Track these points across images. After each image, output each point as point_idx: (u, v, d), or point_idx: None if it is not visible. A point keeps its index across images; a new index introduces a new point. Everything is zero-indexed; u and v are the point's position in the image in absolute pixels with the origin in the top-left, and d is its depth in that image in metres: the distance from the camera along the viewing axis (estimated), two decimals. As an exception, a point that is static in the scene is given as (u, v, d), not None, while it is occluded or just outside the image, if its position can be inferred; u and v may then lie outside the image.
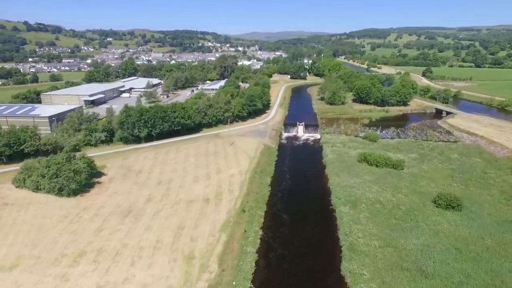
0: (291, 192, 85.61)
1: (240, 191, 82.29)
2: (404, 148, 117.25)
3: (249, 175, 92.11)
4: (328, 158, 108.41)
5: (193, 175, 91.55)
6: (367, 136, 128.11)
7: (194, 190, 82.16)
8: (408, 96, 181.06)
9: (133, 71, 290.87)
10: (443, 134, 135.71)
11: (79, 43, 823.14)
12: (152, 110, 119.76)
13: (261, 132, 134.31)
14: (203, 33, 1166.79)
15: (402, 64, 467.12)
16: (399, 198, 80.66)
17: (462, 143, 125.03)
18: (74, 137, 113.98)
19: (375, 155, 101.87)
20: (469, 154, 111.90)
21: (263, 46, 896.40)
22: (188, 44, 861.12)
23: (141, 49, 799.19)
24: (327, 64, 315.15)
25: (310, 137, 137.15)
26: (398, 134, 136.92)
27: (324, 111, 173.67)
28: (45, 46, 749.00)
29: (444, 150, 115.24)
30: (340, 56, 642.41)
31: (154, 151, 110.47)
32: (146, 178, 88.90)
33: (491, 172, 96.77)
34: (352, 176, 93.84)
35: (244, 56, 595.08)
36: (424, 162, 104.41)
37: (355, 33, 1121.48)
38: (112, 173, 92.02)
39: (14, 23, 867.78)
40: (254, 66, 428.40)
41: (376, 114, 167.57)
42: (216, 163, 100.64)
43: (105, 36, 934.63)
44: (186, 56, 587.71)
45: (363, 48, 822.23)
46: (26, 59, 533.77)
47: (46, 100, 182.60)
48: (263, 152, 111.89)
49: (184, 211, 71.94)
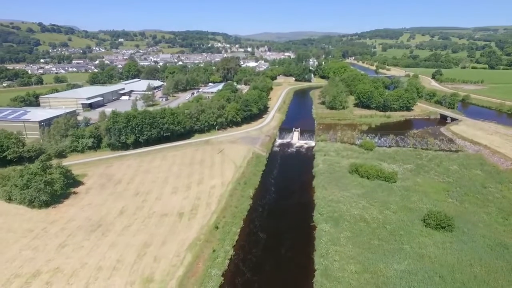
0: (273, 207, 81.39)
1: (218, 205, 78.58)
2: (400, 158, 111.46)
3: (231, 186, 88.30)
4: (319, 168, 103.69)
5: (173, 185, 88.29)
6: (363, 144, 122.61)
7: (171, 203, 78.84)
8: (412, 101, 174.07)
9: (136, 73, 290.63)
10: (445, 143, 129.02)
11: (91, 44, 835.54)
12: (140, 116, 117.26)
13: (253, 139, 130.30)
14: (213, 34, 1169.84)
15: (412, 65, 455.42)
16: (386, 215, 75.51)
17: (464, 152, 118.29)
18: (61, 143, 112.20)
19: (366, 167, 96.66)
20: (469, 165, 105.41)
21: (272, 47, 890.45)
22: (198, 45, 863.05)
23: (151, 50, 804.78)
24: (332, 66, 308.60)
25: (304, 144, 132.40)
26: (397, 142, 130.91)
27: (323, 116, 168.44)
28: (58, 47, 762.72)
29: (443, 161, 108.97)
30: (349, 57, 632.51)
31: (139, 159, 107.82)
32: (124, 189, 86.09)
33: (491, 186, 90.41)
34: (340, 189, 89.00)
35: (252, 57, 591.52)
36: (419, 174, 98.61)
37: (367, 33, 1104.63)
38: (91, 182, 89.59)
39: (29, 24, 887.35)
40: (260, 67, 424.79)
41: (376, 120, 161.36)
42: (200, 172, 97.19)
43: (117, 37, 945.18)
44: (194, 57, 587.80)
45: (374, 48, 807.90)
46: (37, 60, 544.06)
47: (44, 103, 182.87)
48: (251, 161, 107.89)
49: (154, 227, 68.65)
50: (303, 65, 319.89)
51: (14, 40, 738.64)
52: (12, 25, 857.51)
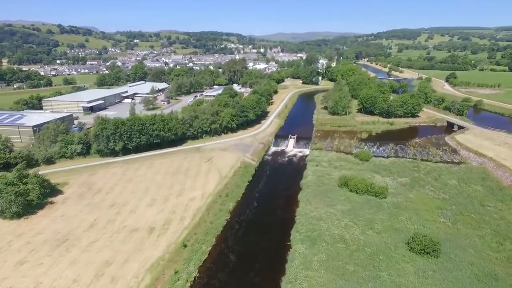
0: (251, 224, 77.53)
1: (192, 220, 75.59)
2: (396, 170, 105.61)
3: (211, 199, 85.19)
4: (307, 180, 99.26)
5: (151, 197, 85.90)
6: (358, 154, 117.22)
7: (144, 216, 76.38)
8: (417, 107, 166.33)
9: (143, 75, 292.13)
10: (448, 153, 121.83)
11: (107, 45, 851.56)
12: (129, 122, 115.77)
13: (245, 147, 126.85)
14: (227, 35, 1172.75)
15: (427, 67, 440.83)
16: (369, 236, 70.59)
17: (467, 165, 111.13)
18: (50, 149, 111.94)
19: (356, 180, 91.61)
20: (470, 179, 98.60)
21: (285, 48, 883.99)
22: (211, 46, 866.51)
23: (165, 50, 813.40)
24: (341, 68, 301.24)
25: (299, 153, 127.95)
26: (397, 152, 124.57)
27: (322, 122, 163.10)
28: (76, 48, 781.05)
29: (442, 174, 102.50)
30: (363, 58, 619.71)
31: (125, 167, 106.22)
32: (102, 199, 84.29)
33: (489, 205, 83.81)
34: (325, 204, 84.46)
35: (263, 58, 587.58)
36: (413, 189, 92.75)
37: (383, 33, 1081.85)
38: (70, 191, 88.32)
39: (49, 26, 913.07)
40: (270, 69, 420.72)
41: (378, 127, 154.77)
42: (183, 183, 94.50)
43: (132, 38, 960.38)
44: (205, 58, 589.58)
45: (390, 49, 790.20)
46: (54, 61, 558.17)
47: (47, 106, 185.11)
48: (238, 171, 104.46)
49: (120, 243, 66.24)
50: (310, 67, 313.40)
51: (34, 41, 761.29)
52: (33, 26, 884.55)
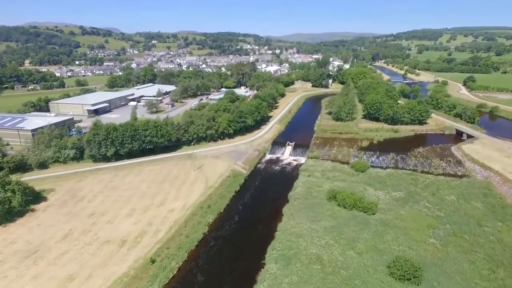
0: (229, 239, 74.73)
1: (168, 232, 73.71)
2: (392, 183, 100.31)
3: (191, 211, 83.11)
4: (296, 192, 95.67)
5: (132, 207, 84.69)
6: (354, 164, 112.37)
7: (119, 228, 75.13)
8: (425, 114, 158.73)
9: (152, 77, 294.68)
10: (451, 165, 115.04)
11: (125, 46, 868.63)
12: (121, 128, 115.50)
13: (239, 154, 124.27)
14: (244, 35, 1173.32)
15: (446, 70, 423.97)
16: (348, 257, 66.51)
17: (470, 179, 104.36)
18: (44, 154, 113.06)
19: (344, 194, 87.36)
20: (471, 195, 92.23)
21: (301, 49, 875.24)
22: (227, 47, 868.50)
23: (181, 51, 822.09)
24: (352, 71, 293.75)
25: (293, 161, 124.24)
26: (396, 162, 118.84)
27: (324, 128, 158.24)
28: (95, 49, 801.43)
29: (440, 188, 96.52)
30: (380, 60, 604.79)
31: (114, 173, 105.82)
32: (82, 208, 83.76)
33: (488, 225, 77.80)
34: (309, 219, 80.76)
35: (277, 59, 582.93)
36: (407, 204, 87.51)
37: (403, 34, 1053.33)
38: (54, 199, 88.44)
39: (71, 28, 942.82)
40: (282, 71, 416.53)
41: (382, 134, 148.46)
42: (167, 192, 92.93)
43: (150, 39, 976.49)
44: (219, 60, 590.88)
45: (409, 50, 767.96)
46: (73, 62, 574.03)
47: (53, 109, 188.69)
48: (226, 180, 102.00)
49: (89, 256, 65.08)
50: (320, 70, 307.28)
51: (57, 42, 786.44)
52: (56, 28, 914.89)
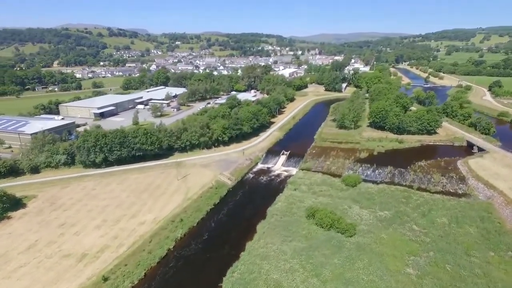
0: (190, 259, 71.54)
1: (131, 247, 72.17)
2: (380, 201, 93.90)
3: (161, 224, 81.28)
4: (276, 207, 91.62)
5: (104, 218, 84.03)
6: (345, 178, 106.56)
7: (84, 240, 74.47)
8: (434, 123, 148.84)
9: (165, 80, 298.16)
10: (453, 182, 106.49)
11: (150, 47, 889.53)
12: (110, 135, 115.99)
13: (229, 163, 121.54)
14: (267, 36, 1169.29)
15: (473, 73, 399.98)
16: (310, 285, 62.01)
17: (469, 199, 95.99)
18: (37, 158, 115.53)
19: (323, 212, 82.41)
20: (466, 218, 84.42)
21: (323, 50, 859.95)
22: (248, 48, 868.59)
23: (203, 52, 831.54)
24: (366, 75, 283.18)
25: (284, 172, 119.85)
26: (393, 177, 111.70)
27: (325, 137, 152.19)
28: (121, 50, 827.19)
29: (433, 209, 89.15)
30: (403, 62, 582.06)
31: (99, 181, 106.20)
32: (56, 217, 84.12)
33: (477, 254, 70.46)
34: (281, 238, 76.66)
35: (297, 61, 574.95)
36: (391, 226, 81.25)
37: (432, 34, 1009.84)
38: (33, 206, 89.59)
39: (100, 29, 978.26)
40: (298, 73, 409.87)
41: (385, 145, 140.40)
42: (143, 203, 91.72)
43: (174, 40, 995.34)
44: (238, 61, 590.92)
45: (437, 52, 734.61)
46: (98, 63, 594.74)
47: (63, 111, 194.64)
48: (208, 191, 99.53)
49: (45, 270, 64.60)
50: (334, 73, 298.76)
51: (85, 44, 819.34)
52: (86, 30, 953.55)
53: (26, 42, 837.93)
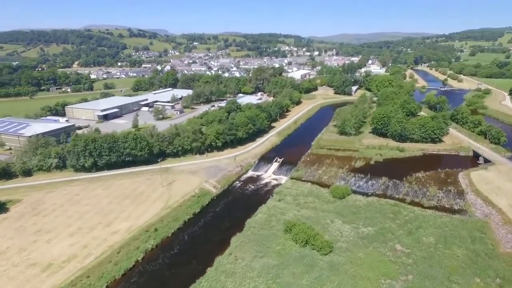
0: (156, 274, 69.21)
1: (98, 258, 71.31)
2: (366, 215, 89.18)
3: (134, 234, 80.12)
4: (255, 219, 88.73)
5: (80, 225, 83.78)
6: (333, 190, 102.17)
7: (54, 249, 74.25)
8: (438, 131, 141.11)
9: (173, 82, 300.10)
10: (450, 196, 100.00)
11: (168, 47, 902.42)
12: (100, 140, 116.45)
13: (218, 170, 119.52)
14: (285, 36, 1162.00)
15: (496, 75, 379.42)
16: (270, 308, 58.89)
17: (464, 216, 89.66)
18: (30, 162, 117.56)
19: (300, 227, 78.77)
20: (455, 238, 78.63)
21: (341, 50, 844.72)
22: (264, 48, 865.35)
23: (219, 53, 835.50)
24: (377, 78, 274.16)
25: (273, 181, 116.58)
26: (386, 189, 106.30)
27: (322, 144, 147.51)
28: (140, 50, 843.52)
29: (422, 226, 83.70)
30: (423, 63, 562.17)
31: (85, 185, 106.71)
32: (34, 223, 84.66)
33: (459, 281, 65.20)
34: (253, 254, 73.77)
35: (311, 62, 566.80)
36: (371, 244, 76.66)
37: (456, 34, 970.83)
38: (15, 210, 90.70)
39: (120, 30, 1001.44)
40: (311, 75, 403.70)
41: (384, 153, 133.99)
42: (122, 210, 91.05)
43: (192, 40, 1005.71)
44: (253, 62, 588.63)
45: (460, 52, 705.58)
46: (115, 64, 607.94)
47: (69, 113, 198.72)
48: (189, 200, 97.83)
49: (7, 280, 64.56)
50: (344, 76, 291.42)
51: (106, 44, 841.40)
52: (107, 31, 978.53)
53: (51, 43, 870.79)
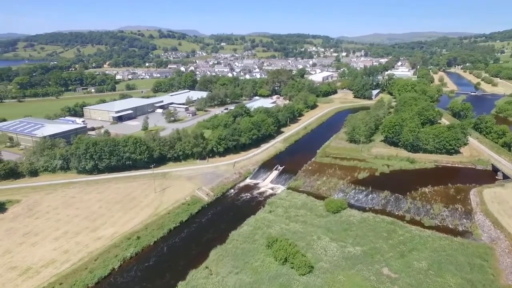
0: (127, 285, 68.52)
1: (75, 264, 71.95)
2: (358, 233, 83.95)
3: (116, 241, 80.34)
4: (240, 231, 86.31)
5: (67, 229, 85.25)
6: (328, 203, 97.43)
7: (37, 253, 75.87)
8: (454, 142, 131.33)
9: (191, 83, 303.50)
10: (455, 215, 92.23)
11: (196, 48, 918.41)
12: (101, 143, 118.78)
13: (215, 176, 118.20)
14: (314, 37, 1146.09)
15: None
16: (232, 331, 56.27)
17: (467, 239, 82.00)
18: (37, 162, 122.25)
19: (281, 244, 75.20)
20: (451, 264, 71.90)
21: (370, 51, 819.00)
22: (291, 49, 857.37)
23: (245, 54, 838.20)
24: (399, 82, 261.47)
25: (270, 190, 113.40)
26: (386, 204, 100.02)
27: (328, 151, 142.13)
28: (169, 51, 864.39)
29: (417, 249, 77.47)
30: (457, 65, 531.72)
31: (82, 188, 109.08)
32: (25, 225, 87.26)
33: (445, 315, 59.03)
34: (229, 269, 71.42)
35: (336, 64, 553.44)
36: (356, 266, 71.76)
37: (498, 34, 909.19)
38: (11, 211, 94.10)
39: (151, 31, 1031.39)
40: (333, 78, 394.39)
41: (392, 164, 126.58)
42: (111, 215, 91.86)
43: (220, 41, 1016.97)
44: (277, 63, 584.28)
45: (501, 54, 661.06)
46: (143, 64, 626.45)
47: (86, 114, 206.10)
48: (179, 207, 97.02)
49: (-15, 283, 66.61)
50: (364, 79, 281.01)
51: (137, 45, 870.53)
52: (138, 32, 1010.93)
53: (87, 44, 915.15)
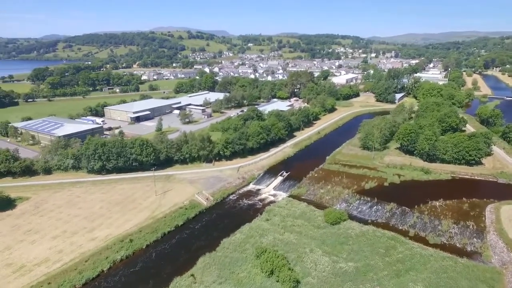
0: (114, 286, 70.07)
1: (66, 264, 73.77)
2: (354, 248, 79.92)
3: (108, 243, 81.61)
4: (232, 239, 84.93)
5: (66, 228, 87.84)
6: (326, 214, 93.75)
7: (34, 251, 78.57)
8: (475, 152, 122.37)
9: (211, 85, 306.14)
10: (466, 233, 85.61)
11: (223, 49, 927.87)
12: (109, 144, 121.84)
13: (217, 181, 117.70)
14: (343, 37, 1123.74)
15: None
16: None
17: (474, 261, 75.49)
18: (52, 161, 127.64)
19: (269, 255, 72.83)
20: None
21: (401, 52, 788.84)
22: (318, 50, 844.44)
23: (271, 54, 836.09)
24: (425, 85, 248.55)
25: (271, 197, 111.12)
26: (390, 217, 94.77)
27: (338, 158, 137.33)
28: (197, 51, 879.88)
29: (416, 268, 72.40)
30: (495, 67, 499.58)
31: (88, 188, 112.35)
32: (29, 222, 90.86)
33: None
34: (214, 279, 70.42)
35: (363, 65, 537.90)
36: (345, 284, 68.16)
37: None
38: (19, 208, 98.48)
39: (180, 32, 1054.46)
40: (357, 80, 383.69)
41: (404, 174, 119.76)
42: (110, 217, 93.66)
43: (247, 42, 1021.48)
44: (302, 64, 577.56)
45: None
46: (171, 65, 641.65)
47: (107, 114, 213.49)
48: (176, 211, 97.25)
49: (-19, 278, 69.69)
50: (387, 82, 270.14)
51: (166, 46, 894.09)
52: (168, 33, 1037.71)
53: (119, 44, 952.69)
